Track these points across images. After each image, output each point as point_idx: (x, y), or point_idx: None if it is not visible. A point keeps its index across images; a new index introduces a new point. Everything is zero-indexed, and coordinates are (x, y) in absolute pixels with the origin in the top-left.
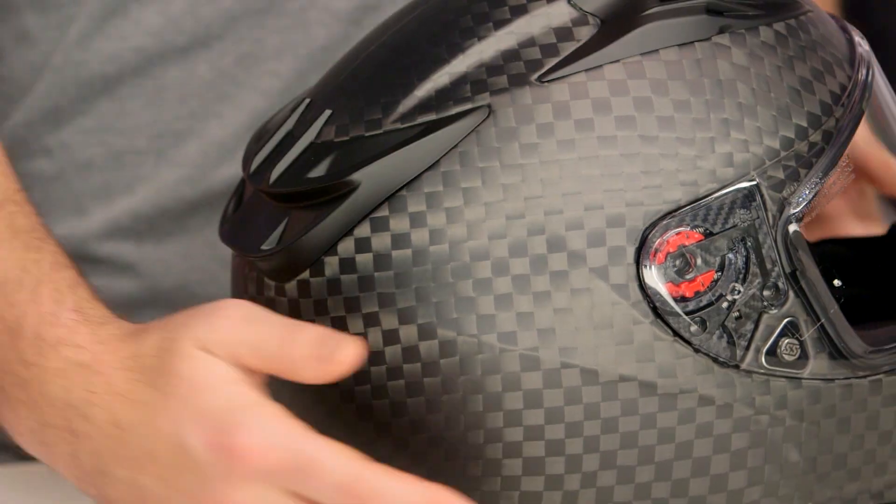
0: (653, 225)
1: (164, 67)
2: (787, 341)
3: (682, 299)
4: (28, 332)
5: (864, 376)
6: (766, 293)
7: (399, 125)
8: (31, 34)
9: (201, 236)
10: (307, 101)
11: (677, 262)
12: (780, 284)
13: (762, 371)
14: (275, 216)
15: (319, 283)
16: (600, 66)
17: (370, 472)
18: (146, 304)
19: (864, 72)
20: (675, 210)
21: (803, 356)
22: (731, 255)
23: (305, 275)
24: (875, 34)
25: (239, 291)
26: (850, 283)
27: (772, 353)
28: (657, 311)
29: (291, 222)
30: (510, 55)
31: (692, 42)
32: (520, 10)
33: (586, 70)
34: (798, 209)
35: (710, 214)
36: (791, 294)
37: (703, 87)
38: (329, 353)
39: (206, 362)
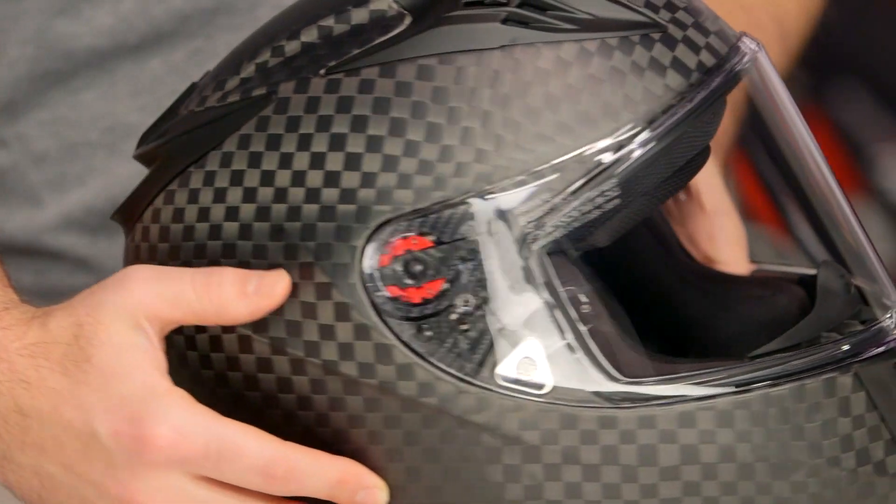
0: (381, 226)
1: (117, 62)
2: (523, 359)
3: (407, 304)
4: None
5: (610, 407)
6: (515, 308)
7: (216, 104)
8: None
9: None
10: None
11: (404, 266)
12: (521, 301)
13: (493, 387)
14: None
15: (130, 247)
16: (374, 64)
17: (286, 452)
18: None
19: (700, 95)
20: (405, 214)
21: (541, 376)
22: (461, 267)
23: (129, 238)
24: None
25: None
26: (632, 311)
27: (506, 370)
28: (380, 313)
29: (138, 187)
30: (315, 44)
31: (482, 50)
32: (353, 2)
33: (360, 67)
34: (541, 229)
35: (440, 222)
36: (532, 312)
37: (470, 95)
38: (257, 288)
39: (120, 349)
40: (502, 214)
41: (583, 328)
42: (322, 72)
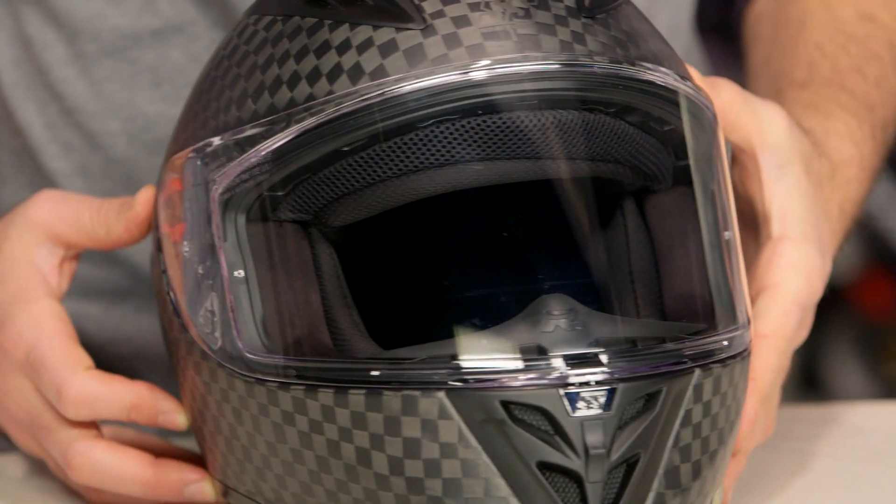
0: (165, 164)
1: (139, 50)
2: (207, 312)
3: (169, 242)
4: None
5: (249, 376)
6: (207, 261)
7: None
8: None
9: None
10: None
11: (171, 205)
12: (212, 256)
13: (194, 335)
14: None
15: None
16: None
17: (80, 378)
18: (129, 293)
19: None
20: (173, 156)
21: (217, 333)
22: (188, 214)
23: None
24: None
25: None
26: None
27: (200, 320)
28: (159, 244)
29: None
30: None
31: (274, 17)
32: None
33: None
34: (224, 188)
35: (181, 169)
36: (217, 268)
37: (241, 58)
38: (129, 204)
39: (14, 260)
40: (203, 172)
41: (232, 293)
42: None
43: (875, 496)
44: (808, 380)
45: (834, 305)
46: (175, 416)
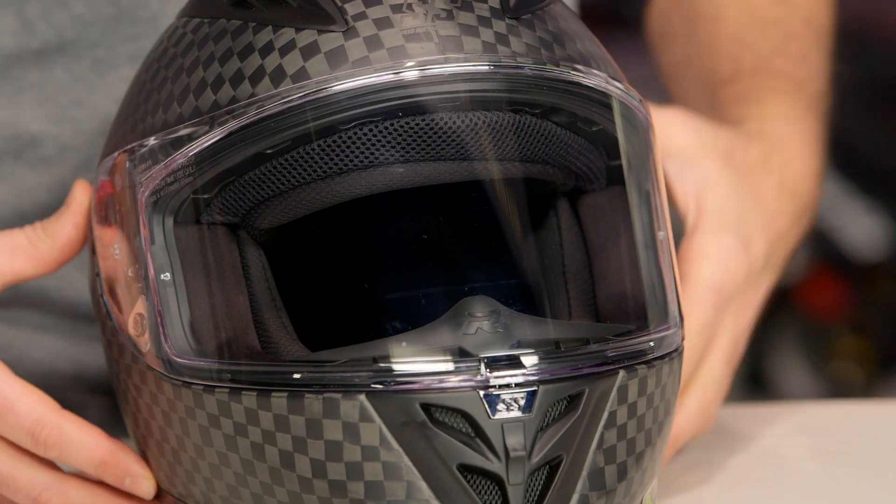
0: (100, 164)
1: (22, 69)
2: (137, 315)
3: (101, 245)
4: None
5: (170, 378)
6: (136, 264)
7: None
8: None
9: None
10: None
11: (102, 207)
12: (140, 259)
13: (124, 338)
14: None
15: None
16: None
17: (55, 419)
18: (9, 303)
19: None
20: (106, 157)
21: (146, 336)
22: (119, 217)
23: None
24: None
25: None
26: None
27: (130, 324)
28: (93, 246)
29: None
30: None
31: (204, 18)
32: None
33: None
34: (151, 190)
35: (112, 171)
36: (145, 271)
37: (169, 60)
38: (67, 201)
39: None
40: (132, 174)
41: (159, 296)
42: None
43: (823, 495)
44: (754, 379)
45: (780, 305)
46: (143, 481)
